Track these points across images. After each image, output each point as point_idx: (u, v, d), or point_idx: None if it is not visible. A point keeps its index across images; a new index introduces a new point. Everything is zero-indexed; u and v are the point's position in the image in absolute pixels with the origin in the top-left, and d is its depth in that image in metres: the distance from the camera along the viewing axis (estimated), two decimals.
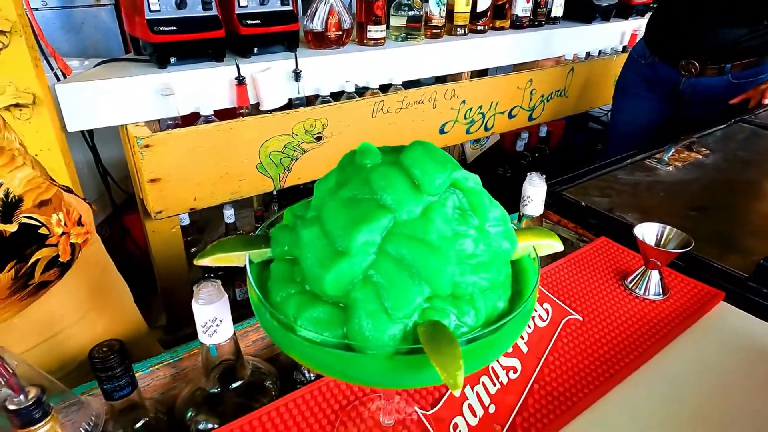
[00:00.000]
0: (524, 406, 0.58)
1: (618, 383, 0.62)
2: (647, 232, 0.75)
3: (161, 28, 1.19)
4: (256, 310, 0.40)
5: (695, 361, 0.66)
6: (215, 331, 0.54)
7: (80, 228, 0.65)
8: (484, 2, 1.75)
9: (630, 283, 0.78)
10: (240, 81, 1.30)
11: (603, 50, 2.18)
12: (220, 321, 0.54)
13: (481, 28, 1.80)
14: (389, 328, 0.34)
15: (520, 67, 2.03)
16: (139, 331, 0.83)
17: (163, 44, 1.21)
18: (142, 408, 0.56)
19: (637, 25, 2.24)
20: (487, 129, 1.83)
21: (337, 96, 1.49)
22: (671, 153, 1.18)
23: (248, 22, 1.31)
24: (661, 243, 0.75)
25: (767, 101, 1.48)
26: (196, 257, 0.42)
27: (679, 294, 0.76)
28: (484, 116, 1.78)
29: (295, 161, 1.39)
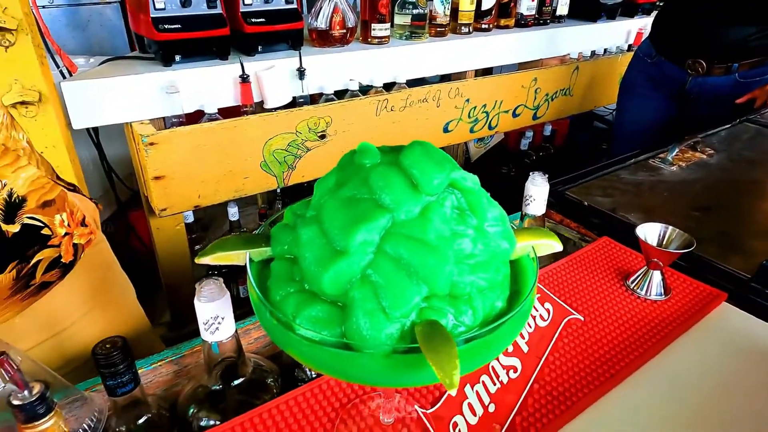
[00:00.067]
0: (524, 406, 0.58)
1: (618, 383, 0.62)
2: (649, 232, 0.75)
3: (166, 26, 1.19)
4: (256, 309, 0.40)
5: (696, 361, 0.66)
6: (217, 328, 0.55)
7: (84, 228, 0.64)
8: (489, 0, 1.74)
9: (632, 283, 0.78)
10: (244, 79, 1.31)
11: (608, 49, 2.17)
12: (222, 319, 0.54)
13: (486, 26, 1.79)
14: (386, 327, 0.35)
15: (525, 65, 2.03)
16: (142, 328, 0.83)
17: (167, 42, 1.21)
18: (144, 404, 0.57)
19: (643, 24, 2.23)
20: (491, 128, 1.83)
21: (341, 94, 1.50)
22: (675, 153, 1.17)
23: (253, 20, 1.31)
24: (663, 243, 0.75)
25: None
26: (197, 256, 0.43)
27: (681, 294, 0.76)
28: (488, 115, 1.78)
29: (298, 159, 1.39)
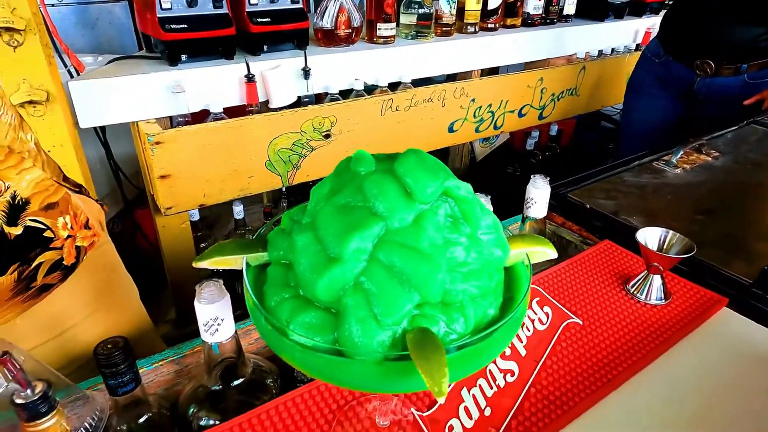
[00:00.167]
0: (520, 410, 0.59)
1: (616, 388, 0.62)
2: (650, 236, 0.75)
3: (172, 26, 1.20)
4: (252, 314, 0.41)
5: (695, 366, 0.66)
6: (217, 329, 0.55)
7: (87, 231, 0.65)
8: (495, 0, 1.74)
9: (632, 288, 0.78)
10: (249, 79, 1.31)
11: (616, 48, 2.16)
12: (222, 320, 0.55)
13: (492, 26, 1.79)
14: (378, 334, 0.35)
15: (531, 65, 2.02)
16: (144, 328, 0.84)
17: (174, 42, 1.22)
18: (145, 403, 0.58)
19: (651, 23, 2.21)
20: (497, 128, 1.83)
21: (346, 94, 1.50)
22: (680, 155, 1.16)
23: (258, 20, 1.32)
24: (664, 248, 0.75)
25: None
26: (194, 260, 0.43)
27: (682, 299, 0.76)
28: (493, 115, 1.78)
29: (303, 159, 1.40)
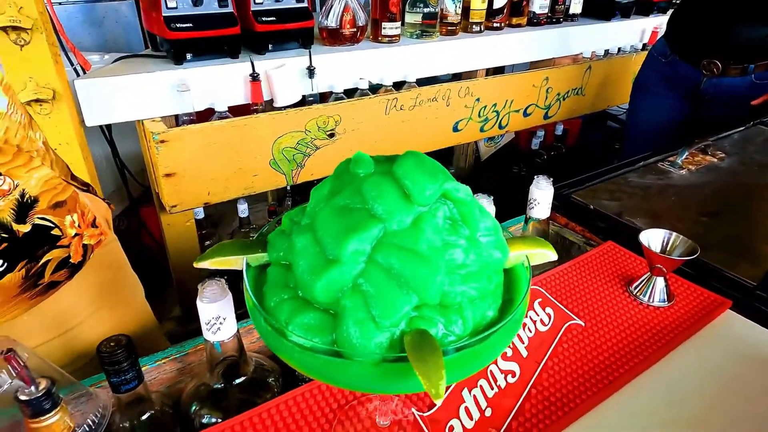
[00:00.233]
0: (521, 411, 0.59)
1: (617, 390, 0.62)
2: (653, 238, 0.75)
3: (177, 25, 1.21)
4: (251, 314, 0.41)
5: (697, 369, 0.65)
6: (219, 328, 0.56)
7: (94, 229, 0.66)
8: None
9: (635, 289, 0.77)
10: (254, 77, 1.32)
11: (622, 48, 2.14)
12: (224, 319, 0.56)
13: (498, 25, 1.78)
14: (376, 336, 0.35)
15: (537, 65, 2.01)
16: (149, 326, 0.84)
17: (179, 41, 1.23)
18: (148, 401, 0.58)
19: (658, 23, 2.20)
20: (502, 127, 1.82)
21: (350, 93, 1.50)
22: (685, 156, 1.16)
23: (263, 18, 1.32)
24: (667, 250, 0.74)
25: None
26: (195, 260, 0.43)
27: (685, 301, 0.76)
28: (498, 114, 1.77)
29: (307, 158, 1.40)
